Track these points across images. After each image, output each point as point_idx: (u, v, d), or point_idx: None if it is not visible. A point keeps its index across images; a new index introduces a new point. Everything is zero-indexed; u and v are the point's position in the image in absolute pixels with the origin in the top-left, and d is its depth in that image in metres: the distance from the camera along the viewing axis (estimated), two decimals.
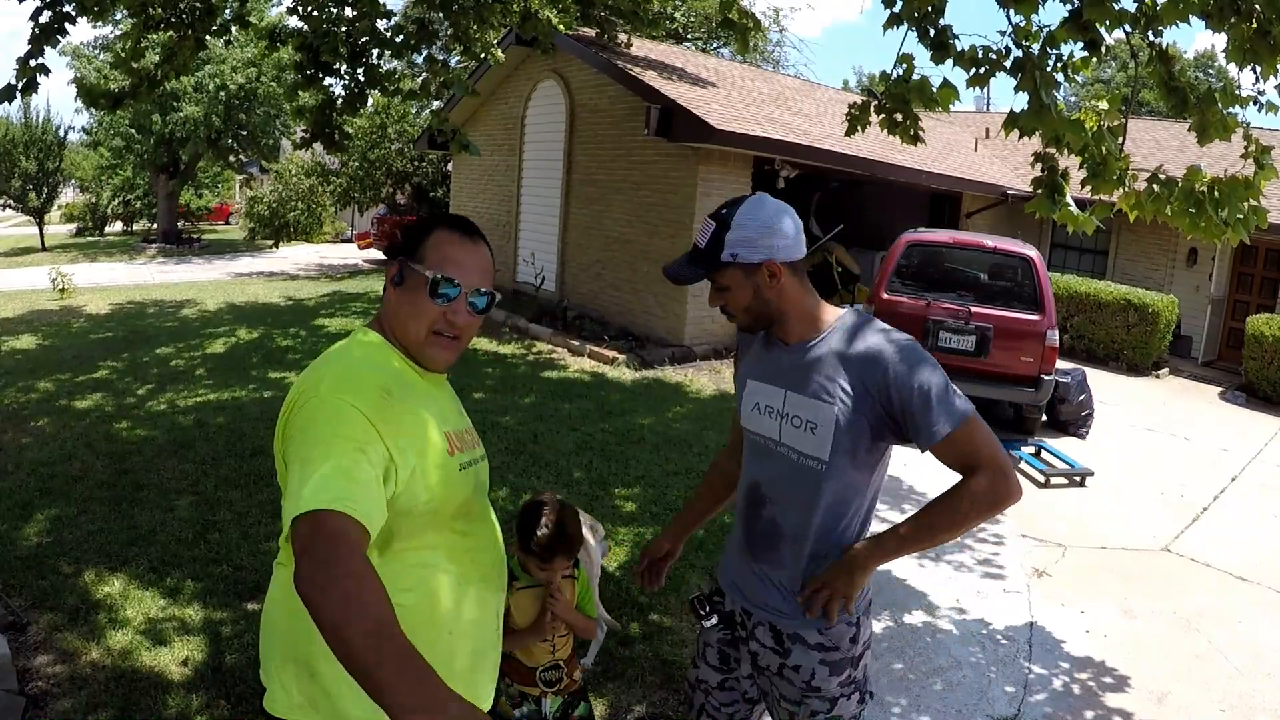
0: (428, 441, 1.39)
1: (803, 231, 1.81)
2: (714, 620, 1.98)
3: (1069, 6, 3.53)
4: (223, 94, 19.99)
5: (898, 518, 5.45)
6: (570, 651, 2.39)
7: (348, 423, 1.27)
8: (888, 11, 3.97)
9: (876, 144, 10.65)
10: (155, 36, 6.17)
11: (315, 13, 6.44)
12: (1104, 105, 3.71)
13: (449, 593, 1.45)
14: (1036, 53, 3.58)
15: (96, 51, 20.54)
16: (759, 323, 1.85)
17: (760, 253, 1.74)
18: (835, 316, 1.82)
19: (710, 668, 2.01)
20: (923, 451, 1.71)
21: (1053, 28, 3.59)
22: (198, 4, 5.89)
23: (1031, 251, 7.61)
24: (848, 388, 1.71)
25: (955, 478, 1.85)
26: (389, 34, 6.80)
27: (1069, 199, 3.73)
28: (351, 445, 1.24)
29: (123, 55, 6.07)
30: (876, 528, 1.85)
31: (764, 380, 1.87)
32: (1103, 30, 3.51)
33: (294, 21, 6.77)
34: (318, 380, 1.35)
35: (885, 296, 7.60)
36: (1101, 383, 9.53)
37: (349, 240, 25.19)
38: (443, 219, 1.53)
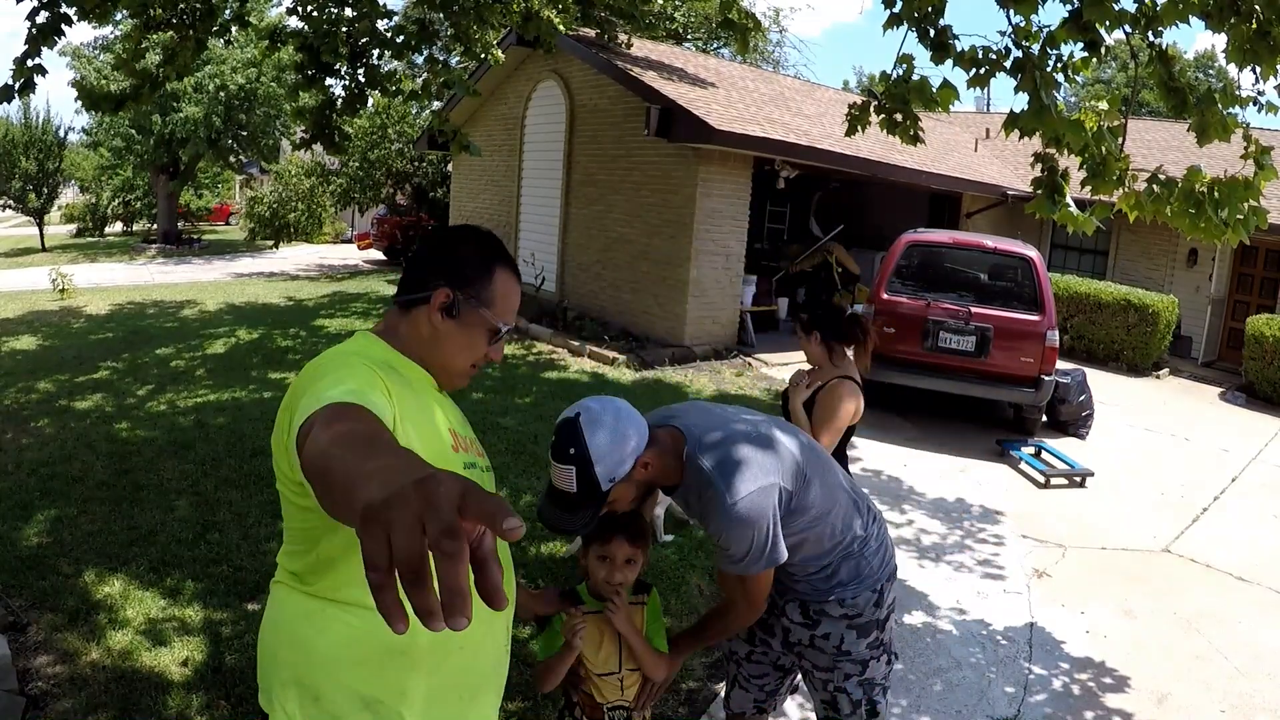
0: (430, 425, 1.38)
1: (625, 412, 1.82)
2: None
3: (1069, 7, 3.53)
4: (223, 94, 19.98)
5: (897, 517, 5.47)
6: (641, 691, 2.16)
7: (358, 369, 1.27)
8: (888, 12, 3.97)
9: (876, 144, 10.65)
10: (155, 37, 6.16)
11: (315, 13, 6.44)
12: (1104, 105, 3.71)
13: None
14: (1036, 53, 3.58)
15: (96, 52, 20.54)
16: (639, 501, 1.97)
17: (629, 460, 1.77)
18: (685, 463, 1.90)
19: (741, 639, 2.25)
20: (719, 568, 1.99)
21: (1053, 28, 3.59)
22: (198, 4, 5.88)
23: (1031, 252, 7.61)
24: (702, 520, 1.96)
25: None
26: (389, 34, 6.80)
27: (1069, 199, 3.73)
28: (364, 381, 1.24)
29: (123, 56, 6.07)
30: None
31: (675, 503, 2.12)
32: (1103, 31, 3.51)
33: (294, 22, 6.77)
34: (320, 361, 1.34)
35: (885, 297, 7.60)
36: (1101, 383, 9.53)
37: (349, 241, 25.19)
38: (500, 256, 1.51)
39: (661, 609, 2.19)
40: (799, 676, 2.33)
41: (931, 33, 3.90)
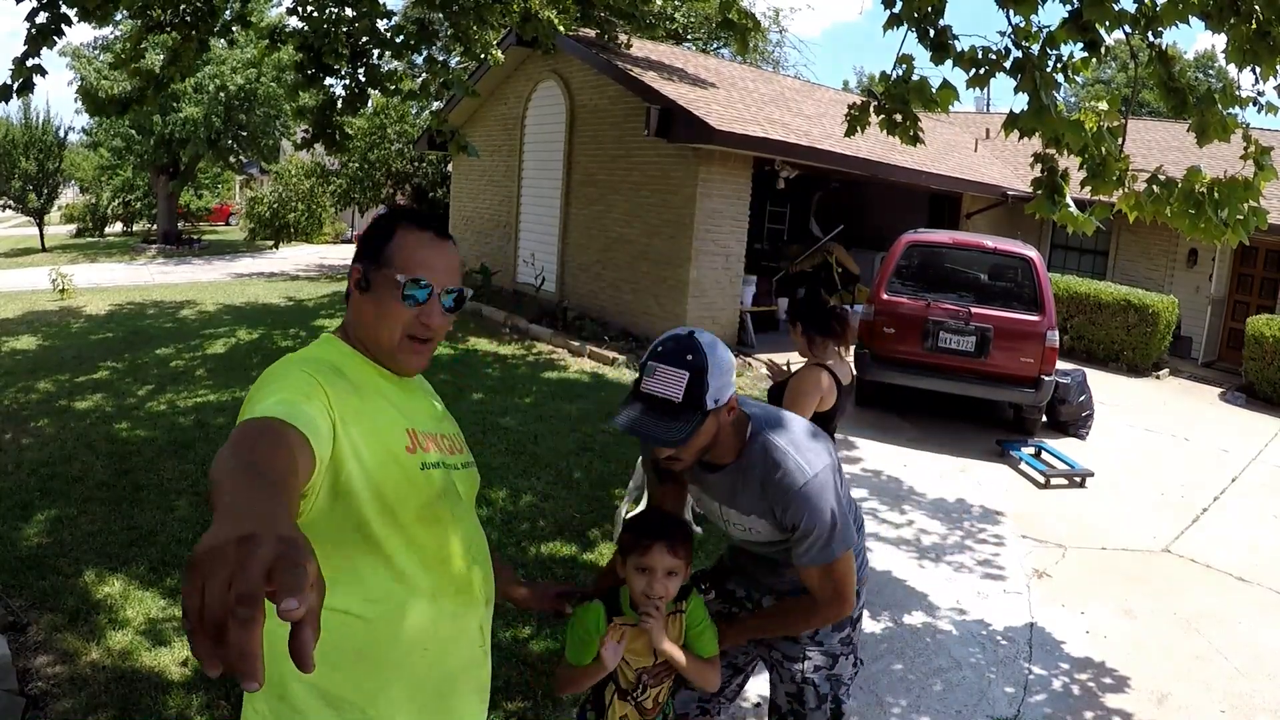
0: (378, 428, 1.32)
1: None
2: (712, 594, 2.22)
3: (1069, 7, 3.53)
4: (223, 95, 19.98)
5: (897, 518, 5.47)
6: (666, 693, 2.01)
7: (295, 377, 1.26)
8: (888, 12, 3.97)
9: (876, 144, 10.65)
10: (156, 38, 6.16)
11: (315, 13, 6.44)
12: (1104, 106, 3.71)
13: (421, 606, 1.35)
14: (1036, 53, 3.58)
15: (97, 53, 20.54)
16: (700, 459, 1.86)
17: (729, 390, 1.74)
18: (748, 435, 1.86)
19: None
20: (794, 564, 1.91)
21: (1052, 28, 3.59)
22: (199, 4, 5.88)
23: (1031, 252, 7.61)
24: (765, 505, 1.86)
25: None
26: (389, 34, 6.80)
27: (1069, 200, 3.73)
28: (298, 391, 1.22)
29: (123, 56, 6.06)
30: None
31: (702, 490, 1.99)
32: (1102, 31, 3.51)
33: (294, 22, 6.77)
34: (269, 369, 1.34)
35: (885, 297, 7.60)
36: (1101, 383, 9.53)
37: (349, 241, 25.19)
38: (405, 216, 1.46)
39: (706, 612, 2.01)
40: (749, 679, 2.32)
41: (931, 33, 3.91)
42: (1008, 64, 3.66)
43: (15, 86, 4.97)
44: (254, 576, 0.67)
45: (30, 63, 4.94)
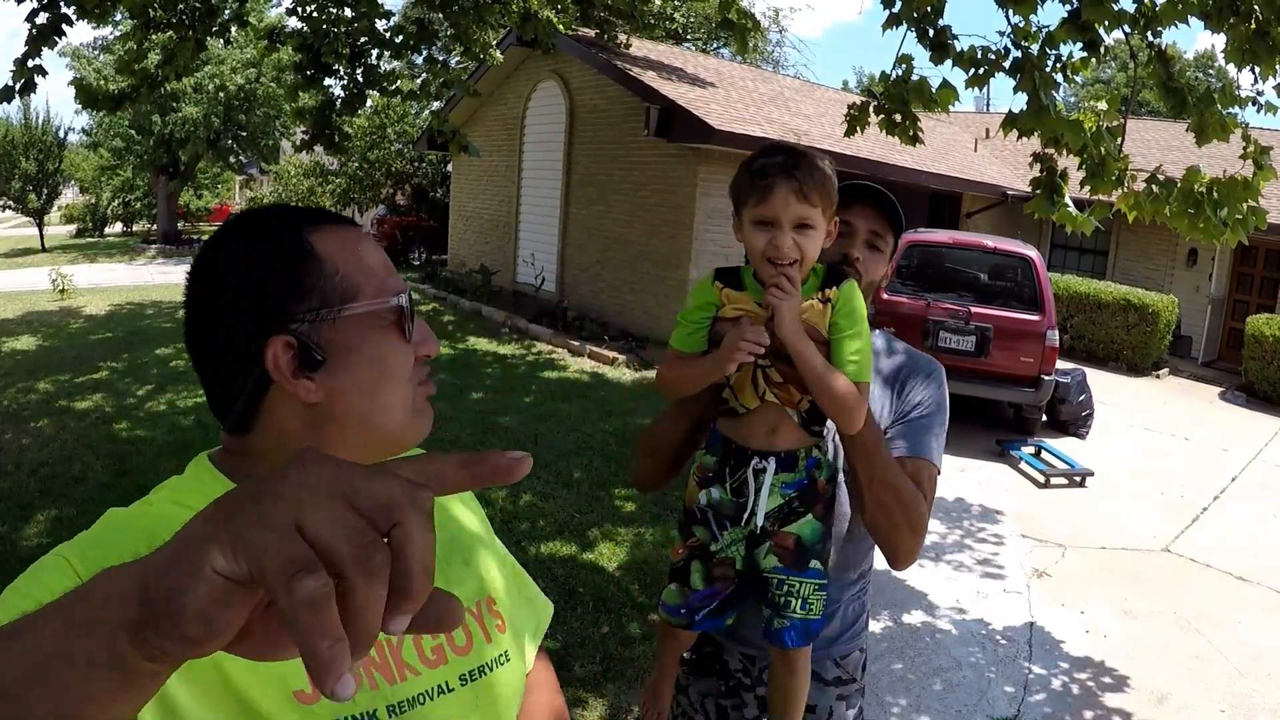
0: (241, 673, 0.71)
1: None
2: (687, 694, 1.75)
3: (1068, 7, 3.53)
4: (222, 95, 19.99)
5: None
6: (800, 422, 1.38)
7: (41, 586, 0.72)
8: (887, 12, 3.97)
9: (876, 144, 10.65)
10: (156, 37, 6.17)
11: (315, 13, 6.44)
12: (1103, 106, 3.71)
13: None
14: (1036, 53, 3.58)
15: (96, 53, 20.55)
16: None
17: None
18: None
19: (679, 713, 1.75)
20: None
21: (1052, 28, 3.59)
22: (198, 4, 5.88)
23: (1031, 252, 7.61)
24: (890, 378, 1.73)
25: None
26: (388, 34, 6.80)
27: (1068, 199, 3.73)
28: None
29: (125, 57, 6.07)
30: None
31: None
32: (1102, 31, 3.51)
33: (294, 22, 6.77)
34: (60, 549, 0.78)
35: (885, 297, 7.60)
36: (1101, 383, 9.53)
37: None
38: (300, 220, 0.82)
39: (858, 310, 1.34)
40: None
41: (931, 33, 3.91)
42: (1007, 64, 3.66)
43: (17, 87, 4.97)
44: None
45: (31, 63, 4.94)
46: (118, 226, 28.39)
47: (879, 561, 1.74)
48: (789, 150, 1.36)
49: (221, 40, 7.47)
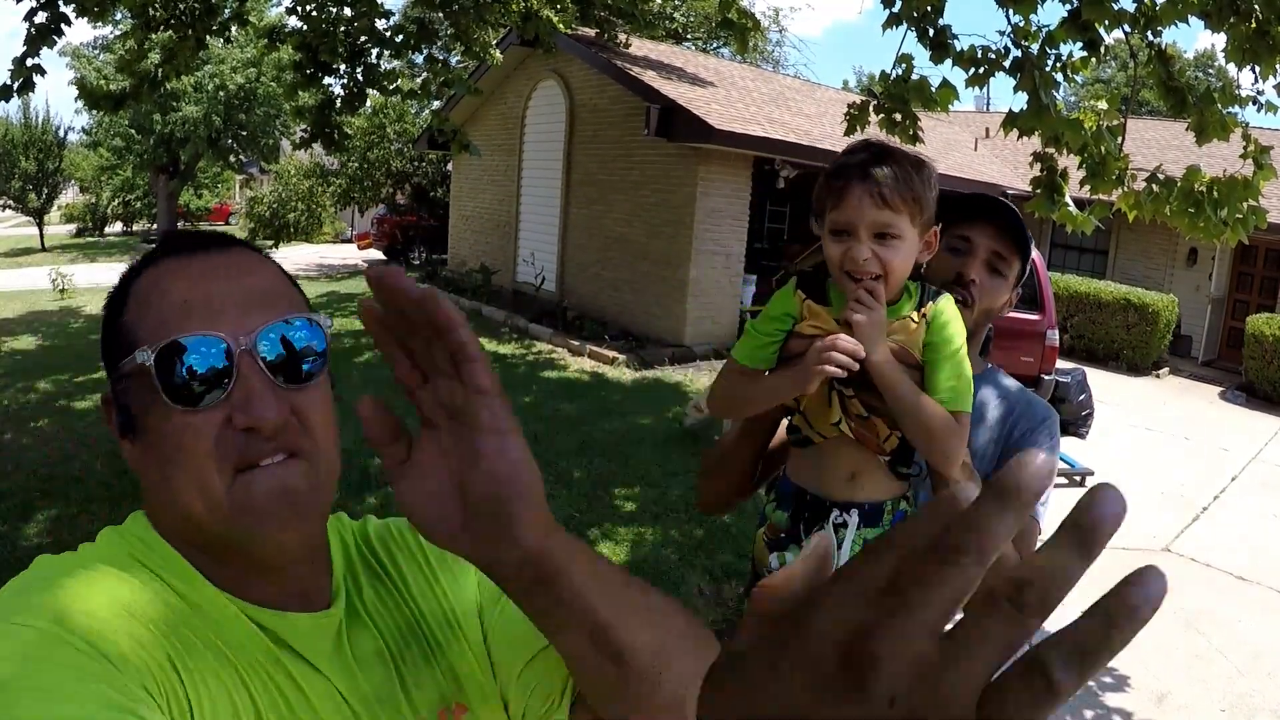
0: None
1: None
2: None
3: (1068, 6, 3.53)
4: (222, 94, 20.00)
5: None
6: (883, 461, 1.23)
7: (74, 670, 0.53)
8: (887, 11, 3.97)
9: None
10: (156, 37, 6.18)
11: (315, 12, 6.44)
12: (1103, 105, 3.72)
13: None
14: (1036, 53, 3.58)
15: (96, 52, 20.56)
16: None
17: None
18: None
19: None
20: None
21: (1052, 28, 3.59)
22: (197, 4, 5.88)
23: (1031, 251, 7.60)
24: (998, 424, 1.59)
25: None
26: (388, 34, 6.80)
27: (1068, 199, 3.73)
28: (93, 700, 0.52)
29: (125, 57, 6.07)
30: None
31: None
32: (1102, 30, 3.51)
33: (294, 21, 6.77)
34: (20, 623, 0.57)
35: None
36: (1101, 382, 9.53)
37: (349, 240, 25.18)
38: (152, 254, 0.70)
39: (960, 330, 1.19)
40: None
41: (931, 32, 3.91)
42: (1007, 63, 3.67)
43: (15, 86, 4.97)
44: None
45: (30, 62, 4.94)
46: (118, 226, 28.40)
47: None
48: (871, 147, 1.21)
49: (221, 39, 7.47)
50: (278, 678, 0.63)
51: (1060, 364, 8.03)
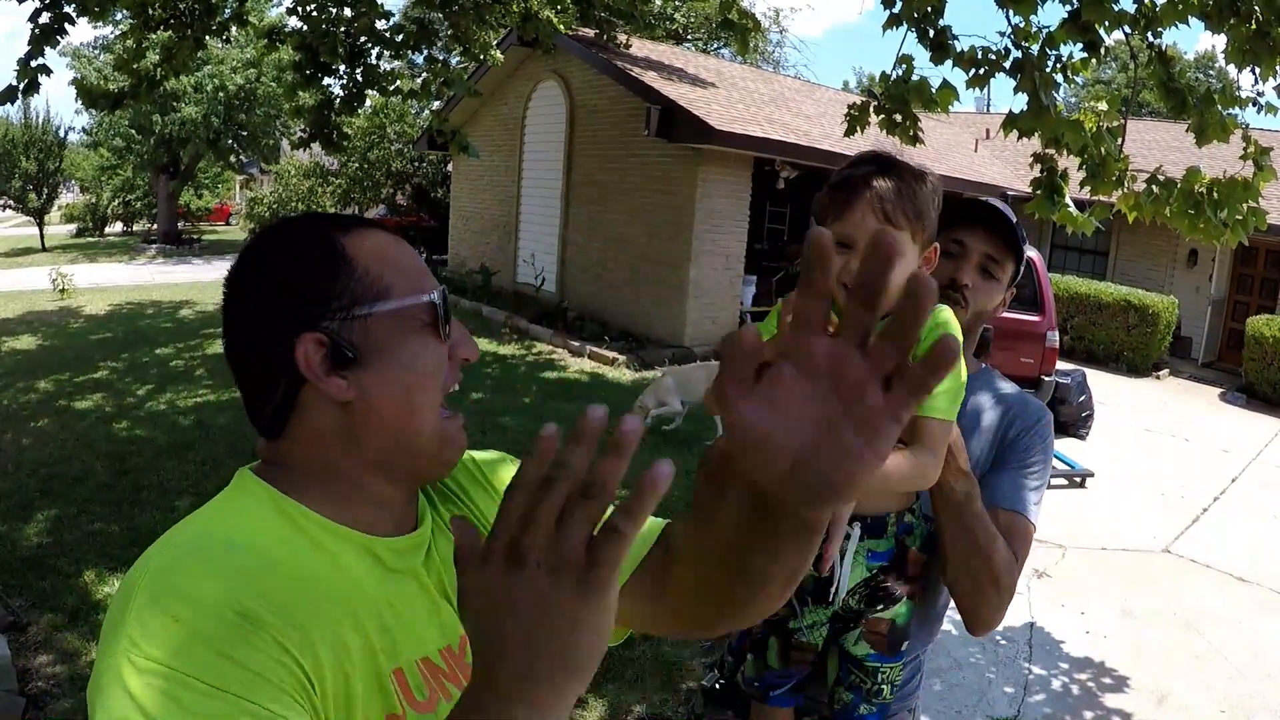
0: (349, 692, 0.70)
1: None
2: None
3: (1068, 7, 3.53)
4: (222, 95, 19.99)
5: None
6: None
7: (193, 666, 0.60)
8: (888, 12, 3.97)
9: (877, 145, 10.65)
10: (155, 36, 6.18)
11: (314, 12, 6.44)
12: (1103, 106, 3.71)
13: None
14: (1036, 53, 3.58)
15: (97, 52, 20.56)
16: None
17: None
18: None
19: None
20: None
21: (1052, 28, 3.59)
22: (197, 4, 5.89)
23: (1032, 252, 7.60)
24: (995, 424, 1.56)
25: None
26: (388, 34, 6.81)
27: (1068, 200, 3.73)
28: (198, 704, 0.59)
29: (124, 56, 6.07)
30: None
31: None
32: (1102, 31, 3.51)
33: (293, 22, 6.77)
34: (125, 617, 0.64)
35: None
36: (1102, 384, 9.53)
37: None
38: (328, 224, 0.82)
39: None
40: None
41: (931, 33, 3.91)
42: (1007, 64, 3.66)
43: (20, 87, 4.97)
44: None
45: (35, 63, 4.95)
46: (118, 226, 28.38)
47: None
48: (877, 160, 1.22)
49: (221, 39, 7.47)
50: (381, 599, 0.76)
51: (1060, 365, 8.03)
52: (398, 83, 7.13)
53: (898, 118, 4.19)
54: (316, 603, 0.70)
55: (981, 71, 3.75)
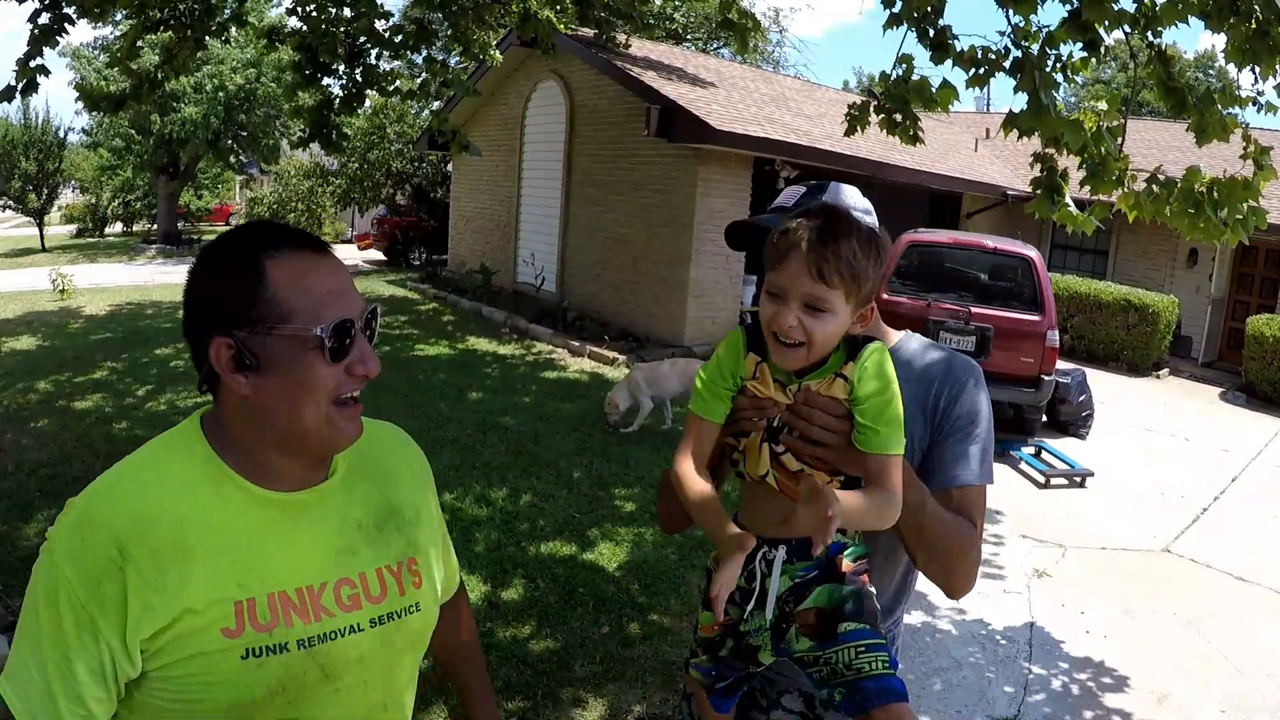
0: (185, 611, 0.94)
1: None
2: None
3: (1068, 7, 3.53)
4: (222, 95, 19.99)
5: None
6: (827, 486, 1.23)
7: (59, 611, 1.02)
8: (888, 12, 3.97)
9: (876, 144, 10.65)
10: (154, 37, 6.18)
11: (314, 13, 6.44)
12: (1103, 106, 3.71)
13: None
14: (1036, 53, 3.58)
15: (96, 53, 20.56)
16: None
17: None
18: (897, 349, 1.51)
19: None
20: None
21: (1052, 28, 3.59)
22: (196, 4, 5.89)
23: (1032, 252, 7.61)
24: (919, 396, 1.48)
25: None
26: (387, 34, 6.80)
27: (1068, 199, 3.73)
28: (58, 648, 0.99)
29: (118, 55, 6.08)
30: None
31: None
32: (1102, 31, 3.51)
33: (293, 22, 6.77)
34: (60, 522, 1.05)
35: (885, 297, 7.60)
36: (1102, 383, 9.53)
37: (349, 241, 25.18)
38: (264, 242, 1.01)
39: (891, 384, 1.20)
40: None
41: (931, 33, 3.91)
42: (1007, 64, 3.66)
43: (19, 87, 4.98)
44: None
45: (34, 63, 4.95)
46: (118, 226, 28.40)
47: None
48: (823, 216, 1.21)
49: (221, 40, 7.47)
50: (209, 550, 0.96)
51: (1060, 365, 8.03)
52: (397, 83, 7.14)
53: (898, 117, 4.19)
54: (206, 535, 0.96)
55: (981, 71, 3.75)
